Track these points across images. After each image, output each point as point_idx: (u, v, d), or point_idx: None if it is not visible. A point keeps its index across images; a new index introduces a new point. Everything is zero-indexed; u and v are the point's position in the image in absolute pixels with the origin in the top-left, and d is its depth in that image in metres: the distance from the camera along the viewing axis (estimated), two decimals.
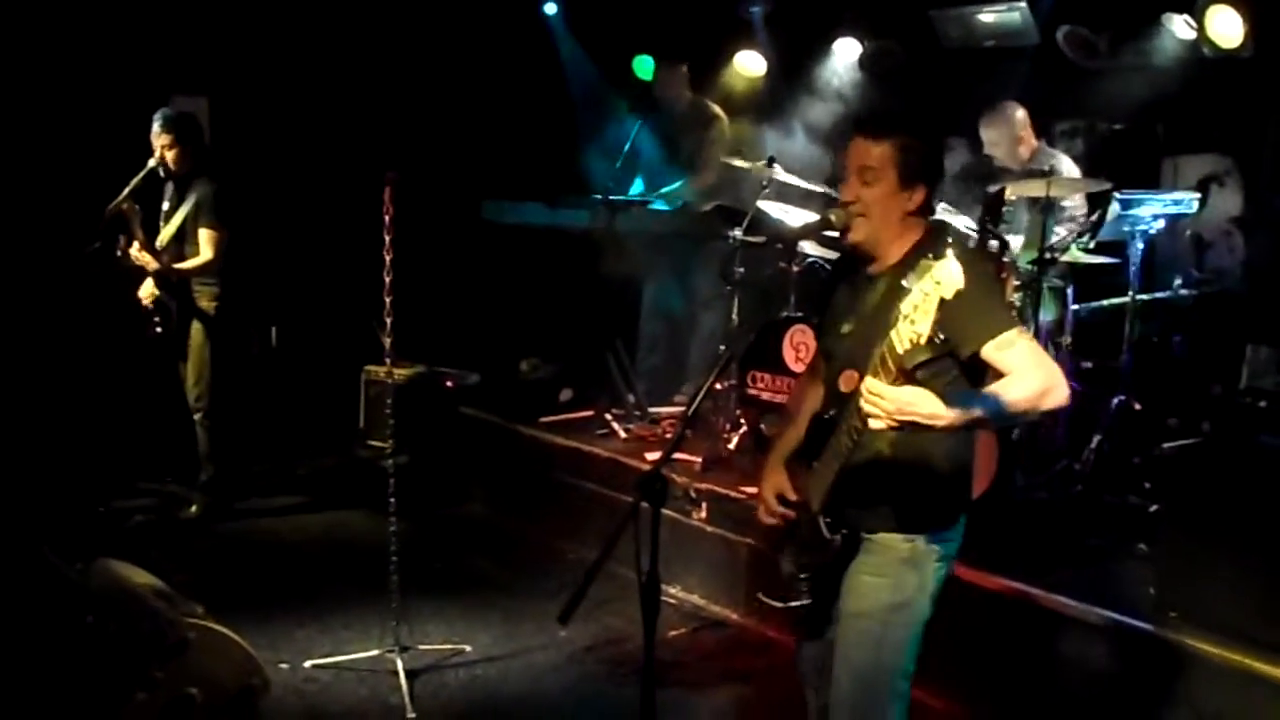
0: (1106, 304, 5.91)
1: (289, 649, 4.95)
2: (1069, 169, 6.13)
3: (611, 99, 8.32)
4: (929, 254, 2.80)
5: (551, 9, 8.50)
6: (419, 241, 5.28)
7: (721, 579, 5.56)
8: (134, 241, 6.17)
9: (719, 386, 6.14)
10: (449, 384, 7.32)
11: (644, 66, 8.18)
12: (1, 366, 6.43)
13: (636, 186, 7.47)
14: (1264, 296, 6.03)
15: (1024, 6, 6.88)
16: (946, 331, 2.67)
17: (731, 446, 6.18)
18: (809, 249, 6.28)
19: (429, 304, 6.09)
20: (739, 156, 6.75)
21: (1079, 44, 6.73)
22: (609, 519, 5.49)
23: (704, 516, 5.71)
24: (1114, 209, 5.48)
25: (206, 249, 6.29)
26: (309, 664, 4.80)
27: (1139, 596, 4.34)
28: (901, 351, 2.53)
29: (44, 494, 5.78)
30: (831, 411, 3.00)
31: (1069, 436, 5.57)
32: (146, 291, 6.33)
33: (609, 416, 6.86)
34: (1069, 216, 5.94)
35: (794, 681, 3.41)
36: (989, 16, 7.08)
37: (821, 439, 3.02)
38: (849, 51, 7.91)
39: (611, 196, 6.94)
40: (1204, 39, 6.14)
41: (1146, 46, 6.48)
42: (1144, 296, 5.70)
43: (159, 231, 6.34)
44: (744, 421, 6.17)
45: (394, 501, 4.83)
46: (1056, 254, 5.46)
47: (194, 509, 6.54)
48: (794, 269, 6.23)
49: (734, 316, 6.41)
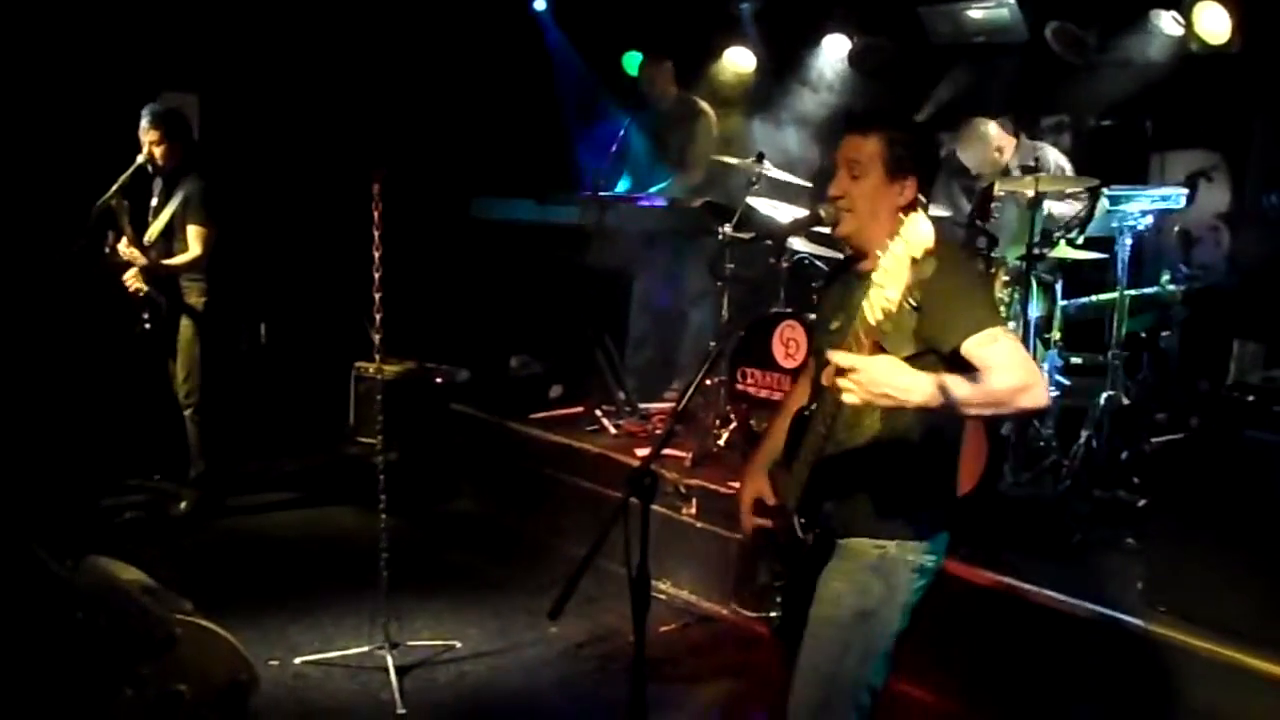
0: (1095, 300, 5.92)
1: (279, 645, 4.93)
2: (1055, 159, 6.13)
3: (600, 95, 8.31)
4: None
5: (541, 4, 8.49)
6: (408, 238, 5.27)
7: (711, 574, 5.56)
8: (122, 237, 6.17)
9: (709, 382, 6.15)
10: (439, 380, 7.31)
11: (633, 62, 8.17)
12: None
13: (624, 183, 7.48)
14: (1251, 292, 6.05)
15: (1013, 2, 6.90)
16: (927, 322, 2.64)
17: (721, 442, 6.18)
18: (799, 245, 6.29)
19: (418, 300, 6.06)
20: (728, 153, 6.76)
21: (1067, 40, 6.74)
22: (599, 515, 5.49)
23: (694, 512, 5.71)
24: (1102, 205, 5.49)
25: (194, 245, 6.27)
26: (299, 660, 4.79)
27: (1128, 591, 4.36)
28: (874, 321, 2.44)
29: (33, 491, 5.75)
30: (811, 407, 2.98)
31: (1058, 433, 5.58)
32: (131, 277, 6.25)
33: (599, 412, 6.85)
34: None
35: (784, 676, 3.41)
36: (978, 12, 7.09)
37: (800, 437, 3.00)
38: (838, 47, 7.92)
39: (600, 193, 6.94)
40: (1191, 35, 6.16)
41: (1134, 42, 6.51)
42: (1132, 292, 5.71)
43: (147, 228, 6.33)
44: (734, 417, 6.17)
45: (384, 498, 4.83)
46: (1045, 250, 5.47)
47: (184, 505, 6.52)
48: (784, 265, 6.23)
49: (724, 312, 6.41)
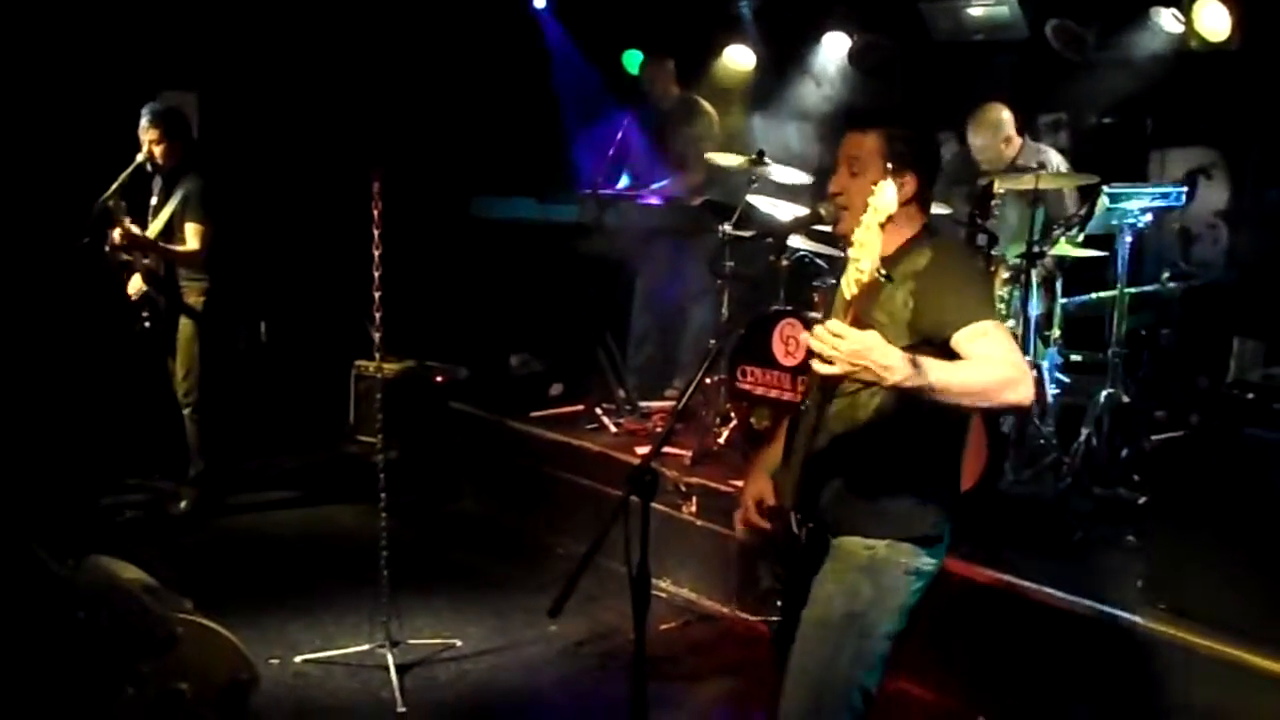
0: (1094, 297, 5.92)
1: (279, 644, 4.94)
2: (1058, 163, 6.13)
3: (601, 93, 8.31)
4: (925, 249, 2.80)
5: (541, 2, 8.48)
6: (408, 236, 5.27)
7: (712, 573, 5.55)
8: (119, 229, 6.14)
9: (709, 381, 6.15)
10: (439, 379, 7.31)
11: (633, 61, 8.16)
12: None
13: (624, 182, 7.46)
14: (1251, 289, 6.06)
15: (1013, 0, 6.90)
16: (921, 315, 2.65)
17: (721, 440, 6.17)
18: (799, 243, 6.28)
19: (418, 299, 6.07)
20: (729, 151, 6.75)
21: (1067, 37, 6.74)
22: (599, 513, 5.51)
23: (694, 510, 5.71)
24: (1102, 202, 5.49)
25: (193, 242, 6.28)
26: (299, 659, 4.80)
27: (1128, 589, 4.35)
28: (849, 295, 2.44)
29: (33, 490, 5.76)
30: (808, 402, 2.97)
31: (1058, 430, 5.58)
32: (135, 288, 6.32)
33: (599, 411, 6.84)
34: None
35: (777, 680, 3.40)
36: (978, 10, 7.08)
37: (797, 432, 2.99)
38: (838, 45, 7.92)
39: (600, 191, 6.93)
40: (1191, 32, 6.16)
41: (1134, 40, 6.51)
42: (1132, 290, 5.70)
43: (147, 226, 6.32)
44: (734, 415, 6.16)
45: (384, 496, 4.83)
46: (1044, 248, 5.47)
47: (184, 504, 6.52)
48: (784, 263, 6.22)
49: (724, 311, 6.39)
